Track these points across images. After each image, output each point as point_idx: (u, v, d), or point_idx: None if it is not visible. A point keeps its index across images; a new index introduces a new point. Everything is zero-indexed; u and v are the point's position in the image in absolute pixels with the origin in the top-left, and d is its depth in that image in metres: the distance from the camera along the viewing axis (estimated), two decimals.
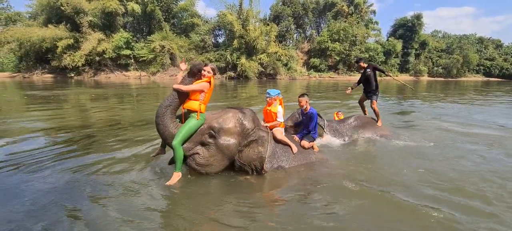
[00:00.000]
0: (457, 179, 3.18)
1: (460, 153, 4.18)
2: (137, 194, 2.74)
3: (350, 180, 3.05)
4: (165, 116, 2.96)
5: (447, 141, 4.82)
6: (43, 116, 6.88)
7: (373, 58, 37.01)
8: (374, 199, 2.69)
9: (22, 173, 3.23)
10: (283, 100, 3.64)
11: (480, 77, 51.21)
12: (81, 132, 5.23)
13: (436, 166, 3.59)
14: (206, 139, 3.05)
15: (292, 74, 32.04)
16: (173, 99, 2.98)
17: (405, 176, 3.26)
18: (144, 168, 3.43)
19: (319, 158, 3.63)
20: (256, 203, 2.67)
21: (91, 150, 4.11)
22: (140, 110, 8.30)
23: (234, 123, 3.12)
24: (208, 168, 3.09)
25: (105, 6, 23.50)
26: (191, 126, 2.98)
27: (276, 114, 3.48)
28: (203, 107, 3.04)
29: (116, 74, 25.29)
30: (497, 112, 8.56)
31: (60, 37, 22.40)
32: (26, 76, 22.94)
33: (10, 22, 27.39)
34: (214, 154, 3.06)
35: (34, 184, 2.93)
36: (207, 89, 3.05)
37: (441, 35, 55.30)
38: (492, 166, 3.60)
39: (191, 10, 29.80)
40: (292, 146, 3.45)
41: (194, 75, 3.05)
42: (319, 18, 40.01)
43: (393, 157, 3.99)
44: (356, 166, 3.54)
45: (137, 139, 4.70)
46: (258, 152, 3.09)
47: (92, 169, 3.34)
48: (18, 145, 4.35)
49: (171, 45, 25.77)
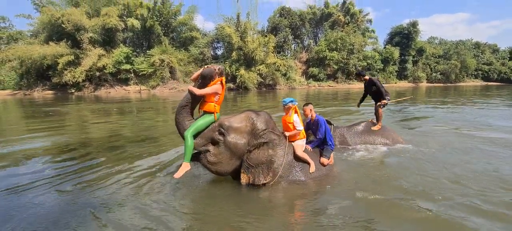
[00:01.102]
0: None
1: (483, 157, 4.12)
2: (141, 212, 2.69)
3: (363, 195, 2.94)
4: (181, 114, 3.11)
5: (466, 145, 4.79)
6: (43, 133, 6.86)
7: (372, 66, 37.29)
8: (390, 212, 2.61)
9: (22, 192, 3.18)
10: (297, 107, 3.54)
11: (479, 82, 51.39)
12: (81, 148, 5.20)
13: (457, 171, 3.55)
14: (216, 136, 3.09)
15: (292, 84, 32.19)
16: (188, 100, 3.11)
17: (420, 186, 3.18)
18: (146, 183, 3.38)
19: (330, 171, 3.52)
20: (269, 217, 2.61)
21: (92, 168, 4.07)
22: (141, 125, 8.29)
23: (245, 122, 3.15)
24: (218, 166, 3.11)
25: (105, 22, 23.89)
26: (204, 120, 3.10)
27: (293, 124, 3.37)
28: (217, 108, 3.16)
29: (116, 89, 25.42)
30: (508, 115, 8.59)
31: (61, 54, 22.66)
32: (27, 93, 23.06)
33: (12, 41, 27.75)
34: (222, 151, 3.09)
35: (33, 203, 2.88)
36: (220, 91, 3.14)
37: (438, 42, 55.87)
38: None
39: (190, 24, 30.25)
40: (311, 165, 3.33)
41: (207, 80, 3.11)
42: (316, 28, 40.54)
43: (405, 164, 3.93)
44: (369, 179, 3.42)
45: (137, 155, 4.66)
46: (268, 155, 3.06)
47: (94, 187, 3.29)
48: (19, 164, 4.31)
49: (170, 59, 26.02)
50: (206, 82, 3.10)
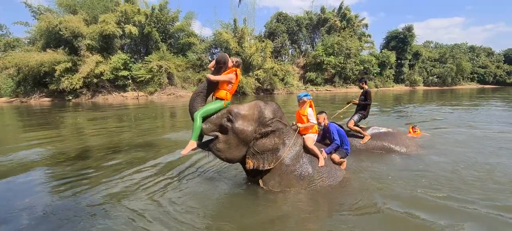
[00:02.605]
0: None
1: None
2: (141, 218, 2.67)
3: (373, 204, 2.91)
4: (195, 100, 3.28)
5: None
6: (41, 140, 6.81)
7: (369, 70, 37.62)
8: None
9: (18, 199, 3.15)
10: (313, 102, 3.65)
11: (474, 85, 51.91)
12: (79, 156, 5.17)
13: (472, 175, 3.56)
14: (224, 122, 3.17)
15: (289, 88, 32.30)
16: (204, 88, 3.30)
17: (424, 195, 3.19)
18: (146, 188, 3.37)
19: (342, 176, 3.48)
20: (276, 218, 2.60)
21: (89, 175, 4.05)
22: (141, 131, 8.26)
23: (253, 110, 3.23)
24: (227, 153, 3.17)
25: (103, 29, 23.91)
26: (215, 105, 3.25)
27: (307, 117, 3.48)
28: (229, 95, 3.31)
29: (113, 95, 25.35)
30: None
31: (58, 61, 22.60)
32: (23, 100, 22.93)
33: (9, 48, 27.67)
34: (230, 138, 3.15)
35: (31, 209, 2.85)
36: (233, 80, 3.31)
37: (433, 45, 56.53)
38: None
39: (188, 30, 30.34)
40: (320, 158, 3.34)
41: (221, 65, 3.26)
42: (313, 33, 40.85)
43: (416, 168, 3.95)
44: (381, 185, 3.40)
45: (135, 161, 4.64)
46: (274, 143, 3.12)
47: (91, 193, 3.27)
48: (15, 172, 4.27)
49: (168, 65, 26.04)
50: (220, 67, 3.24)
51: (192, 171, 3.97)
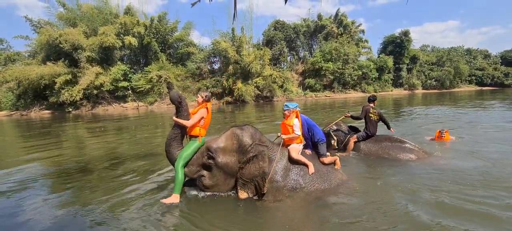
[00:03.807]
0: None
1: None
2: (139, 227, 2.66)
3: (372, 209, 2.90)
4: (171, 146, 3.25)
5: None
6: (41, 152, 6.80)
7: (367, 75, 37.83)
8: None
9: (19, 211, 3.13)
10: (299, 113, 3.58)
11: (473, 87, 52.12)
12: (80, 167, 5.16)
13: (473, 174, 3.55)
14: (206, 161, 3.12)
15: (289, 95, 32.40)
16: (177, 132, 3.25)
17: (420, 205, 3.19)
18: (145, 200, 3.35)
19: (339, 179, 3.45)
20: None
21: (91, 186, 4.03)
22: (142, 142, 8.25)
23: (231, 141, 3.18)
24: (215, 189, 3.15)
25: (102, 41, 24.12)
26: (192, 147, 3.20)
27: (292, 127, 3.41)
28: (202, 131, 3.27)
29: (113, 106, 25.42)
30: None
31: (58, 73, 22.74)
32: (23, 113, 22.96)
33: (9, 62, 27.85)
34: (216, 173, 3.13)
35: (31, 221, 2.84)
36: (205, 115, 3.27)
37: (430, 49, 56.98)
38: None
39: (186, 40, 30.64)
40: (309, 166, 3.30)
41: (177, 104, 3.22)
42: (311, 40, 41.22)
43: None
44: (378, 188, 3.41)
45: (135, 172, 4.63)
46: (259, 167, 3.04)
47: (94, 211, 3.25)
48: (15, 186, 4.26)
49: (168, 75, 26.19)
50: (180, 106, 3.20)
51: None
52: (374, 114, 5.05)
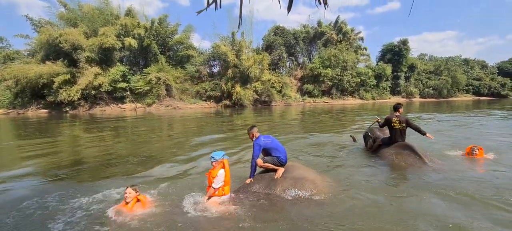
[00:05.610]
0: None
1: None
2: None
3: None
4: None
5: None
6: (38, 153, 6.78)
7: (365, 82, 38.09)
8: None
9: (14, 211, 3.12)
10: (228, 162, 3.37)
11: (470, 96, 52.53)
12: (76, 168, 5.14)
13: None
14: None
15: (287, 100, 32.52)
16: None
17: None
18: None
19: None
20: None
21: (87, 188, 4.02)
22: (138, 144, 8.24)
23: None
24: None
25: (102, 42, 24.17)
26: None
27: (214, 179, 3.15)
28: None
29: (111, 107, 25.36)
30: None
31: (57, 73, 22.73)
32: (20, 112, 22.85)
33: (8, 60, 27.78)
34: None
35: (26, 221, 2.83)
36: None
37: (428, 58, 57.49)
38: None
39: (186, 43, 30.76)
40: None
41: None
42: (310, 46, 41.50)
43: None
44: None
45: (133, 173, 4.63)
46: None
47: (89, 211, 3.25)
48: (11, 185, 4.24)
49: (166, 77, 26.23)
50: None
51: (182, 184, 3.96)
52: (397, 123, 5.08)
